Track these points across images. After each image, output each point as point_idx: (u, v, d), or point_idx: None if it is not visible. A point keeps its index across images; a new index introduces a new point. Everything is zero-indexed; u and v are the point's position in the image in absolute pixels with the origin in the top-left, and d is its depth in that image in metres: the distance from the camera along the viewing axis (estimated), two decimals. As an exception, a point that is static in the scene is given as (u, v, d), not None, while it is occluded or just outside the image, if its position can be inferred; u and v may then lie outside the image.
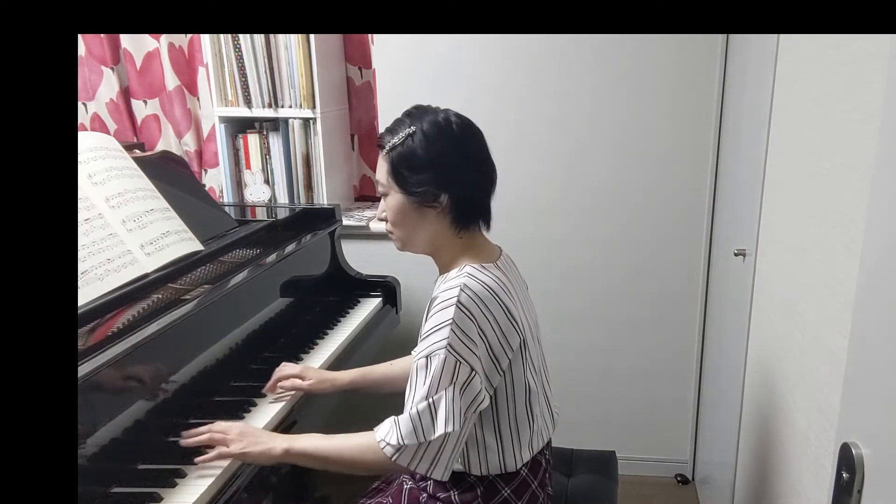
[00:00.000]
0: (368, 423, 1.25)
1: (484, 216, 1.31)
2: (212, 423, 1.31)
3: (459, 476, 1.29)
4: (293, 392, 1.54)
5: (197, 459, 1.25)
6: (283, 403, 1.50)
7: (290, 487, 2.00)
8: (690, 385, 2.50)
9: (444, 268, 1.31)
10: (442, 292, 1.20)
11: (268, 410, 1.48)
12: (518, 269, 1.39)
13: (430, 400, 1.15)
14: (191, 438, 1.28)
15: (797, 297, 1.40)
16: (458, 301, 1.17)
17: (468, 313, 1.17)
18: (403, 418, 1.17)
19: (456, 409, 1.15)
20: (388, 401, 1.50)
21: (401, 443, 1.16)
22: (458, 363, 1.16)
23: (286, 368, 1.55)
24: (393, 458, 1.17)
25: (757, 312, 1.73)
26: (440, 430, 1.15)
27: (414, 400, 1.17)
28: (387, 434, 1.18)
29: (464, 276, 1.21)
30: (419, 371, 1.18)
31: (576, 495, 1.65)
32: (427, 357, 1.17)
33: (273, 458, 1.24)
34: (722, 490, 2.06)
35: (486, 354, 1.20)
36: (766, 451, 1.62)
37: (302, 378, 1.54)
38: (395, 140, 1.24)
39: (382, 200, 1.30)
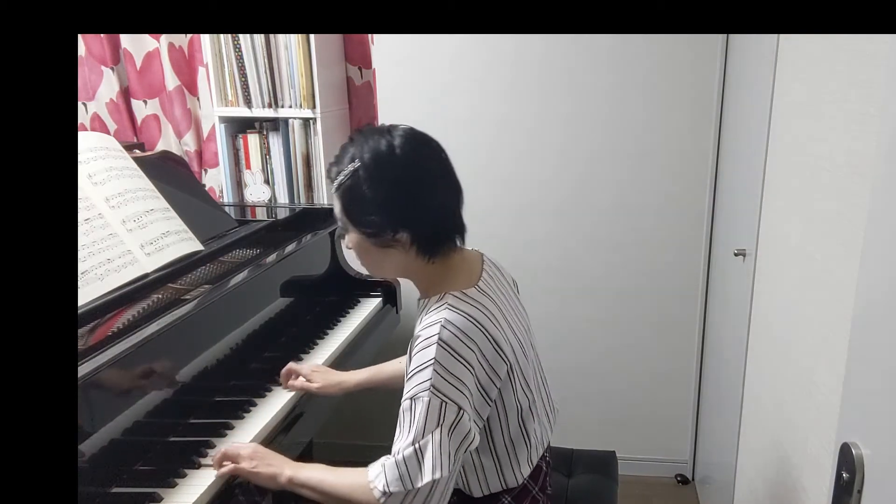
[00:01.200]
0: (373, 416, 1.23)
1: (454, 236, 1.22)
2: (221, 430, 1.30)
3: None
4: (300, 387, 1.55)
5: (208, 465, 1.24)
6: (284, 402, 1.51)
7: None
8: (690, 385, 2.50)
9: (423, 292, 1.25)
10: (423, 329, 1.14)
11: (268, 410, 1.48)
12: (502, 272, 1.33)
13: (417, 445, 1.09)
14: (215, 462, 1.26)
15: (797, 297, 1.40)
16: (440, 338, 1.11)
17: (451, 351, 1.11)
18: (389, 464, 1.11)
19: (444, 453, 1.09)
20: (393, 401, 1.50)
21: (387, 490, 1.10)
22: (444, 404, 1.09)
23: (296, 366, 1.57)
24: (381, 502, 1.12)
25: (757, 312, 1.73)
26: (427, 477, 1.08)
27: (400, 445, 1.11)
28: (376, 477, 1.12)
29: (444, 308, 1.15)
30: (404, 414, 1.12)
31: (576, 495, 1.65)
32: (411, 399, 1.11)
33: (279, 484, 1.22)
34: (722, 490, 2.06)
35: (475, 389, 1.14)
36: (766, 451, 1.61)
37: (310, 380, 1.54)
38: (342, 177, 1.15)
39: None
